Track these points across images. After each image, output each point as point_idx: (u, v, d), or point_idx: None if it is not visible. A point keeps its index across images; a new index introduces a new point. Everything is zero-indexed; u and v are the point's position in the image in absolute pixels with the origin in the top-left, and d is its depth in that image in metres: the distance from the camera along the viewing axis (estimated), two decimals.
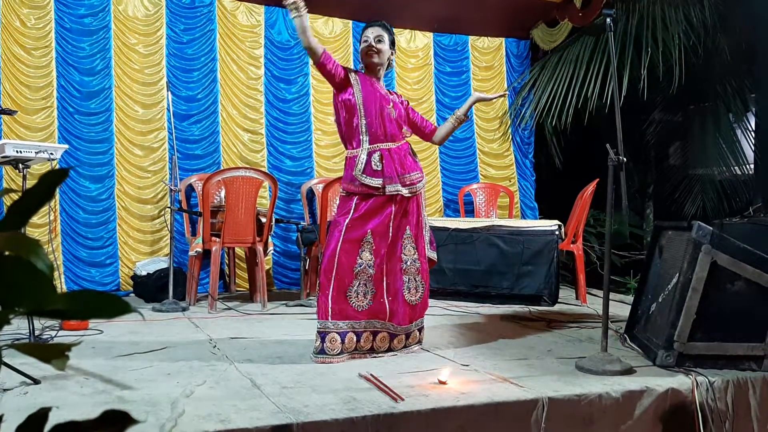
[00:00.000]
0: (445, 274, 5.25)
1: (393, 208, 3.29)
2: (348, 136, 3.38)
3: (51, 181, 0.64)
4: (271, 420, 2.19)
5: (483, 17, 6.56)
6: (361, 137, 3.32)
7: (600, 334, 3.05)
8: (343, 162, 3.43)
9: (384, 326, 3.28)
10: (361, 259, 3.23)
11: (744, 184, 6.48)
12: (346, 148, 3.40)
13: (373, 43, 3.37)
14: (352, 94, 3.32)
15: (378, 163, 3.27)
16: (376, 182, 3.26)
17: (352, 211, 3.25)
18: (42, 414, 0.72)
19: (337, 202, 3.60)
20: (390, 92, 3.52)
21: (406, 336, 3.38)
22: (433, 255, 3.53)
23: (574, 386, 2.66)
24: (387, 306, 3.27)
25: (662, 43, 6.05)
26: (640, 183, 7.11)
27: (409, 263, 3.36)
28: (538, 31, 6.78)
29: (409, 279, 3.36)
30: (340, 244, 3.20)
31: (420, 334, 3.48)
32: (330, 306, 3.16)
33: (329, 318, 3.15)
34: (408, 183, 3.33)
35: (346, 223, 3.23)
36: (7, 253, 0.60)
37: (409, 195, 3.34)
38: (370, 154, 3.29)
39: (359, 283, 3.22)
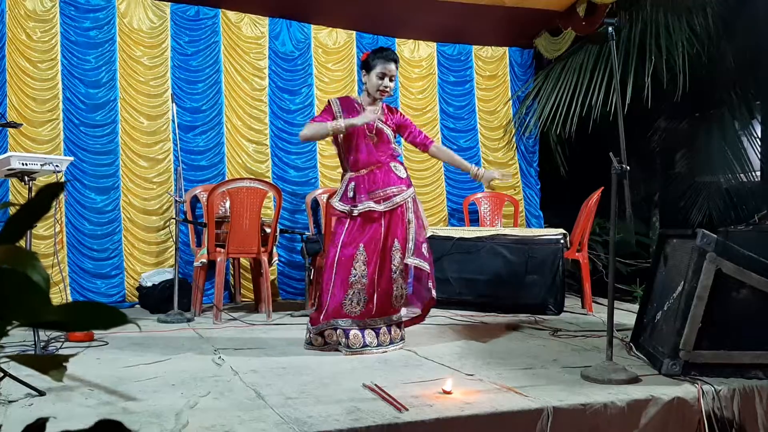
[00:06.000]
0: (450, 284, 5.23)
1: (382, 223, 3.59)
2: (340, 161, 3.84)
3: (48, 194, 0.65)
4: (275, 431, 2.19)
5: (486, 27, 6.57)
6: (345, 167, 3.75)
7: (605, 343, 3.04)
8: None
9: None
10: (355, 270, 3.55)
11: (750, 191, 6.45)
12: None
13: (389, 84, 3.64)
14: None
15: (351, 191, 3.60)
16: (344, 207, 3.61)
17: (345, 230, 3.62)
18: (39, 424, 0.72)
19: None
20: (385, 108, 3.77)
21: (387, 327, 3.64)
22: (422, 265, 3.68)
23: (580, 395, 2.65)
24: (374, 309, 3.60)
25: (666, 51, 6.05)
26: (646, 191, 7.08)
27: (397, 273, 3.64)
28: (541, 40, 6.79)
29: (397, 287, 3.65)
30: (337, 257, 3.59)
31: (401, 330, 3.74)
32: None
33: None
34: (383, 197, 3.59)
35: (341, 239, 3.60)
36: (3, 265, 0.60)
37: (386, 209, 3.58)
38: (348, 182, 3.64)
39: (353, 292, 3.57)
